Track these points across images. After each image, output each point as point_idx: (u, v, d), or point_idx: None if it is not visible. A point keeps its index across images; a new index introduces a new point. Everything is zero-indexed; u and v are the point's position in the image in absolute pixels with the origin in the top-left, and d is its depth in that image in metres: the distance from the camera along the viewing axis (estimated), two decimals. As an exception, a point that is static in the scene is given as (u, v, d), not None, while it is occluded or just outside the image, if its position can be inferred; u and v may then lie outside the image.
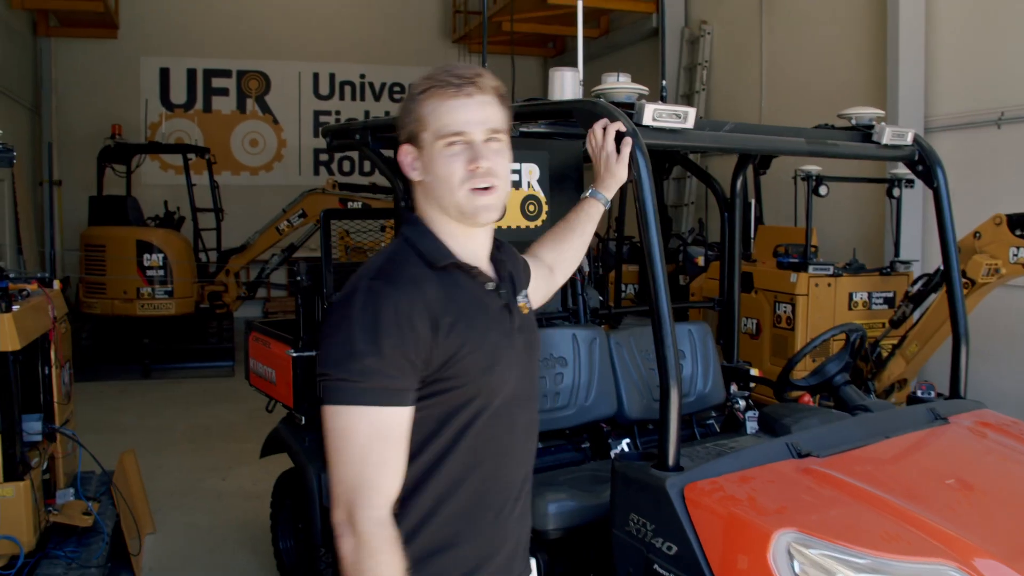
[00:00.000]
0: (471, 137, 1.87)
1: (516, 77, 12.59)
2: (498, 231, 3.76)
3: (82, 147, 13.60)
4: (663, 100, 4.16)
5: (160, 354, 11.32)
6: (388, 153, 3.82)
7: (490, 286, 1.95)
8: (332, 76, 16.62)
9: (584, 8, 13.89)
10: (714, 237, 10.36)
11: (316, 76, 16.53)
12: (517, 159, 3.82)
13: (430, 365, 1.77)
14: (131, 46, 14.73)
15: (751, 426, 4.12)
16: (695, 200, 11.99)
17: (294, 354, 4.56)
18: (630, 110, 2.70)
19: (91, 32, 14.20)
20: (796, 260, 7.18)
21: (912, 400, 3.43)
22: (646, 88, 2.85)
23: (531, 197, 3.85)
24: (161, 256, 11.43)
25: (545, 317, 4.16)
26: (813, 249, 7.32)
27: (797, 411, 3.28)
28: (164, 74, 15.49)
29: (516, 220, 3.81)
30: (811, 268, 7.00)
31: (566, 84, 3.66)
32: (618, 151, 2.58)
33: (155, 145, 12.80)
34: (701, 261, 8.87)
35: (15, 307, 4.23)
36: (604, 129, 2.60)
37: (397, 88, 16.86)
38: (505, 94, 1.97)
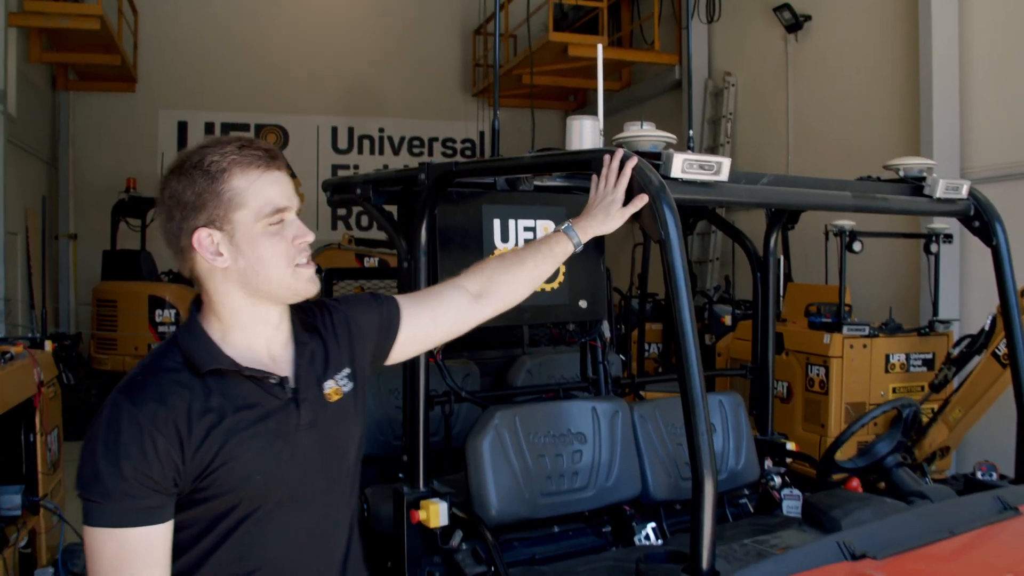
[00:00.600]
0: (290, 213, 1.79)
1: (536, 131, 12.41)
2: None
3: (99, 200, 13.44)
4: (690, 151, 3.86)
5: (169, 412, 11.01)
6: (391, 208, 3.56)
7: (273, 380, 1.78)
8: (351, 130, 16.48)
9: (605, 60, 13.71)
10: (741, 294, 10.02)
11: (335, 130, 16.41)
12: (532, 215, 3.52)
13: (181, 480, 1.67)
14: (149, 100, 14.64)
15: (788, 506, 3.75)
16: (720, 256, 11.65)
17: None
18: (656, 160, 2.39)
19: (109, 86, 14.13)
20: (829, 320, 6.81)
21: (972, 484, 3.06)
22: (674, 136, 2.55)
23: (547, 256, 3.54)
24: (173, 312, 11.19)
25: (562, 388, 3.83)
26: (847, 308, 6.95)
27: (846, 501, 2.91)
28: (182, 127, 15.37)
29: (530, 281, 3.49)
30: (845, 328, 6.63)
31: (585, 134, 3.36)
32: (625, 201, 2.29)
33: (170, 199, 12.60)
34: (728, 320, 8.52)
35: (-8, 373, 3.95)
36: (620, 168, 2.30)
37: (416, 142, 16.71)
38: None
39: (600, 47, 3.62)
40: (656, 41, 12.65)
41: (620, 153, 2.34)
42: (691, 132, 3.98)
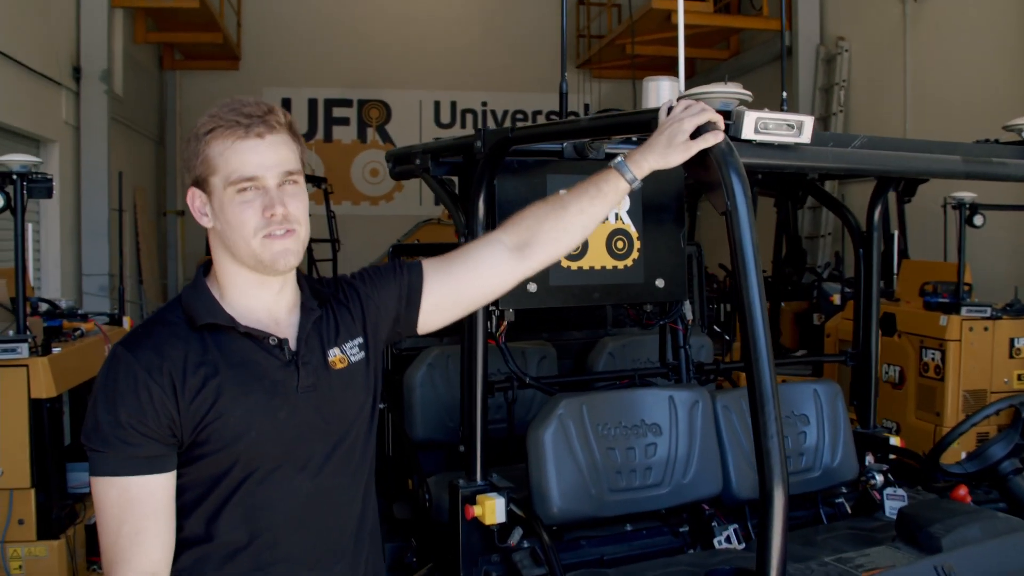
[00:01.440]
0: (265, 183, 1.74)
1: (638, 103, 11.98)
2: (581, 272, 3.20)
3: (205, 178, 13.68)
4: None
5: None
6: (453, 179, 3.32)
7: (272, 341, 1.78)
8: (453, 104, 16.35)
9: (711, 28, 13.13)
10: (852, 272, 9.48)
11: (437, 104, 16.30)
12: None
13: (179, 431, 1.69)
14: (253, 77, 14.76)
15: (891, 507, 3.39)
16: (832, 231, 11.07)
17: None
18: (727, 120, 2.07)
19: (214, 64, 14.31)
20: (946, 300, 6.28)
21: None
22: (749, 93, 2.22)
23: (620, 232, 3.24)
24: (273, 286, 11.25)
25: (639, 374, 3.54)
26: (966, 287, 6.40)
27: (949, 514, 2.51)
28: (285, 104, 15.40)
29: (601, 259, 3.20)
30: (964, 309, 6.09)
31: (662, 96, 3.05)
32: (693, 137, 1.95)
33: (270, 175, 12.68)
34: (837, 299, 8.01)
35: (55, 349, 3.87)
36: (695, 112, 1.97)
37: (520, 116, 16.45)
38: (297, 130, 1.85)
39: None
40: (764, 6, 12.06)
41: (696, 106, 2.02)
42: (784, 94, 3.60)
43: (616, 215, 3.22)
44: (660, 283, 3.30)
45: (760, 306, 1.91)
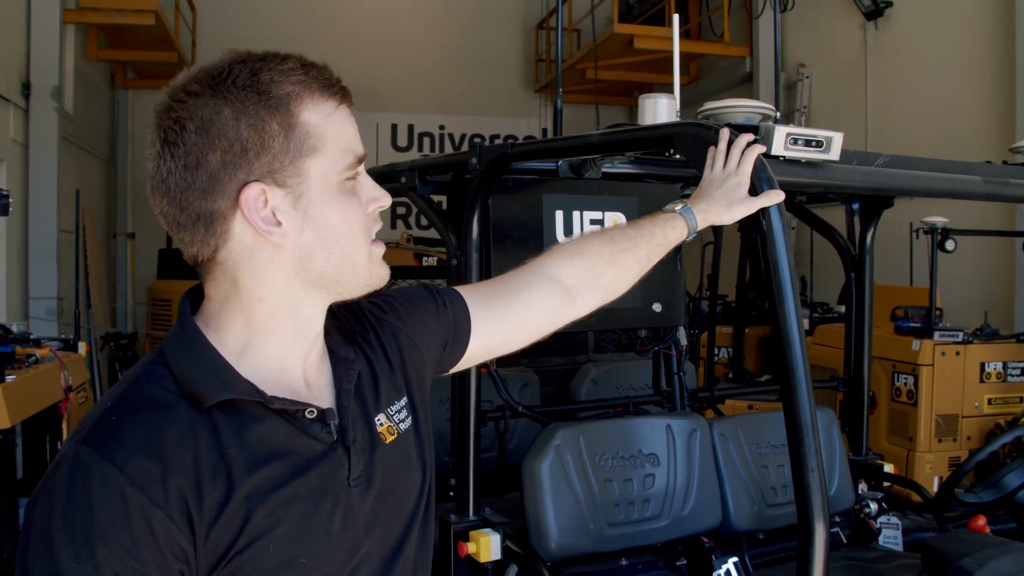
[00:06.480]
0: (362, 166, 1.24)
1: (601, 127, 11.95)
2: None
3: (156, 199, 13.36)
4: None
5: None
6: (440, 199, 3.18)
7: (310, 415, 1.19)
8: (411, 127, 16.20)
9: (672, 53, 13.08)
10: (820, 296, 9.50)
11: (394, 127, 16.14)
12: (598, 207, 3.11)
13: (193, 570, 1.08)
14: (207, 97, 14.51)
15: (886, 535, 3.30)
16: (796, 254, 11.11)
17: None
18: (757, 136, 1.95)
19: (168, 83, 13.97)
20: (918, 325, 6.27)
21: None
22: (773, 108, 2.13)
23: (616, 253, 3.12)
24: (228, 311, 11.01)
25: (633, 402, 3.41)
26: (938, 312, 6.40)
27: (977, 546, 2.43)
28: (239, 125, 15.27)
29: (596, 282, 3.07)
30: (937, 334, 6.09)
31: (660, 112, 2.95)
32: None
33: (224, 197, 12.44)
34: (806, 324, 7.99)
35: (9, 377, 3.65)
36: (741, 150, 1.83)
37: (478, 139, 16.36)
38: None
39: (676, 17, 3.22)
40: (726, 33, 12.12)
41: (743, 138, 1.90)
42: (778, 113, 3.52)
43: (612, 237, 3.10)
44: (657, 307, 3.19)
45: (798, 333, 1.80)
